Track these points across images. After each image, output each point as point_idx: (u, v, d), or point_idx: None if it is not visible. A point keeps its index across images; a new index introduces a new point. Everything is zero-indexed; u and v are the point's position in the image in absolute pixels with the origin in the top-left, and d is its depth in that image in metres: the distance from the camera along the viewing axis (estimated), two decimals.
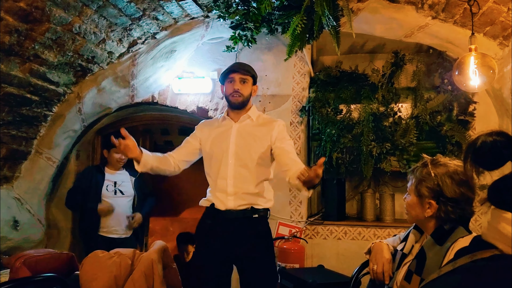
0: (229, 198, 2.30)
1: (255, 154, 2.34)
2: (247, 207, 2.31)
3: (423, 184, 1.48)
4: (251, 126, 2.42)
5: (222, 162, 2.35)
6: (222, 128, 2.43)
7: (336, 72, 3.64)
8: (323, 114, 3.56)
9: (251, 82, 2.43)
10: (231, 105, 2.43)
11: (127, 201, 3.76)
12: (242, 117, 2.41)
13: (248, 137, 2.37)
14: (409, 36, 3.26)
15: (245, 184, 2.32)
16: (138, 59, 3.34)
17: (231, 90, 2.39)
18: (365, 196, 3.60)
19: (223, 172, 2.34)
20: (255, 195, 2.33)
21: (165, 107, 3.93)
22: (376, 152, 3.39)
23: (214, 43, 3.80)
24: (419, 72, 3.51)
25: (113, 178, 3.73)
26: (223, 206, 2.31)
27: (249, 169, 2.33)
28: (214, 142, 2.42)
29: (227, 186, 2.32)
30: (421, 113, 3.41)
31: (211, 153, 2.41)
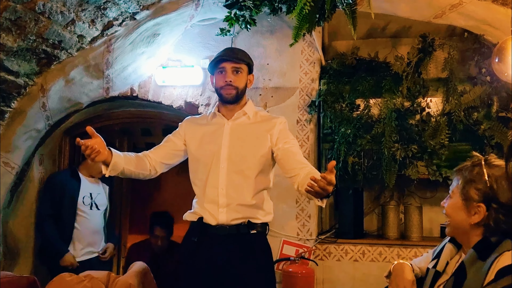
0: (221, 210, 2.30)
1: (252, 158, 2.34)
2: (243, 221, 2.31)
3: (473, 185, 1.52)
4: (247, 124, 2.42)
5: (212, 167, 2.35)
6: (212, 127, 2.43)
7: (352, 60, 3.64)
8: (337, 110, 3.56)
9: (246, 71, 2.43)
10: (223, 100, 2.43)
11: (101, 215, 3.80)
12: (236, 114, 2.42)
13: (244, 138, 2.37)
14: (439, 17, 3.26)
15: (240, 193, 2.32)
16: (114, 44, 3.34)
17: (222, 82, 2.39)
18: (387, 208, 3.60)
19: (214, 179, 2.34)
20: (252, 207, 2.32)
21: (147, 102, 3.93)
22: (400, 155, 3.39)
23: (205, 26, 3.80)
24: (451, 60, 3.50)
25: (90, 187, 3.78)
26: (214, 220, 2.31)
27: (245, 176, 2.33)
28: (202, 144, 2.41)
29: (219, 196, 2.31)
30: (454, 110, 3.40)
31: (199, 157, 2.41)
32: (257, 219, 2.34)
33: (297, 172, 2.21)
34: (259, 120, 2.45)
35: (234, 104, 2.42)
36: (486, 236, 1.47)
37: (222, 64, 2.40)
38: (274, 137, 2.38)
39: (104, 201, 3.84)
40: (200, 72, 3.78)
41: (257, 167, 2.35)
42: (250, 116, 2.44)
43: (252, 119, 2.44)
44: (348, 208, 3.57)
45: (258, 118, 2.46)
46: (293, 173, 2.24)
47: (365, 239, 3.58)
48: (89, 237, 3.72)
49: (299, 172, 2.19)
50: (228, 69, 2.38)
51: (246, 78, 2.45)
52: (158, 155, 2.48)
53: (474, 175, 1.53)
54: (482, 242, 1.47)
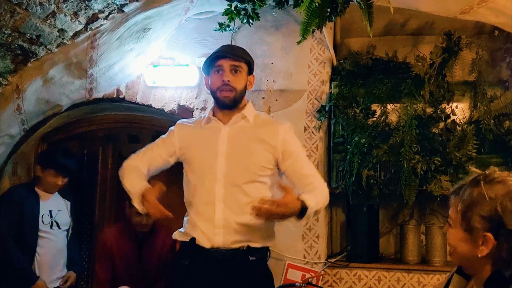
0: (217, 231, 2.29)
1: (253, 168, 2.33)
2: (242, 246, 2.29)
3: (474, 211, 1.44)
4: (247, 129, 2.40)
5: (207, 180, 2.34)
6: (207, 133, 2.42)
7: (367, 60, 3.65)
8: (350, 116, 3.57)
9: (245, 71, 2.43)
10: (220, 104, 2.43)
11: (63, 235, 3.76)
12: (234, 117, 2.40)
13: (243, 145, 2.36)
14: (466, 13, 3.27)
15: (240, 211, 2.30)
16: (99, 40, 3.35)
17: (218, 82, 2.38)
18: (406, 229, 3.59)
19: (209, 194, 2.32)
20: (253, 228, 2.30)
21: (135, 105, 3.95)
22: (421, 168, 3.39)
23: (202, 20, 3.82)
24: (480, 61, 3.51)
25: (48, 204, 3.71)
26: (208, 242, 2.29)
27: (245, 190, 2.32)
28: (196, 153, 2.40)
29: (215, 213, 2.29)
30: (483, 117, 3.40)
31: (192, 167, 2.40)
32: (258, 242, 2.33)
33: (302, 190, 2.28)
34: (260, 124, 2.43)
35: (232, 109, 2.41)
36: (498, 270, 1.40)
37: (219, 61, 2.38)
38: (279, 149, 2.37)
39: (66, 218, 3.76)
40: (196, 72, 3.79)
41: (258, 179, 2.34)
42: (250, 120, 2.42)
43: (253, 123, 2.42)
44: (362, 228, 3.56)
45: (259, 122, 2.44)
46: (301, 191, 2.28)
47: (381, 263, 3.56)
48: (51, 261, 3.63)
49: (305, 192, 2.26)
50: (226, 68, 2.37)
51: (246, 79, 2.44)
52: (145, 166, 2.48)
53: (475, 198, 1.43)
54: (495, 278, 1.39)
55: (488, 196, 1.42)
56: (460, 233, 1.48)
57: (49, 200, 3.72)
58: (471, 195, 1.46)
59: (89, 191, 4.56)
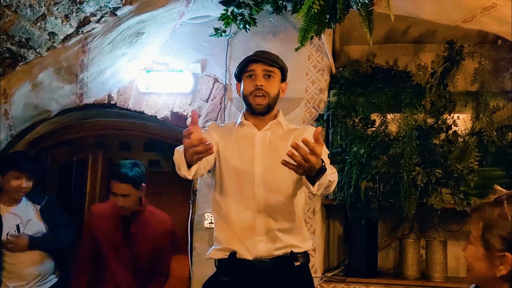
0: (260, 239, 2.29)
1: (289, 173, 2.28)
2: (286, 252, 2.30)
3: (494, 231, 1.46)
4: (280, 135, 2.43)
5: (245, 185, 2.34)
6: (241, 137, 2.42)
7: (367, 68, 3.67)
8: (348, 126, 3.58)
9: (279, 77, 2.45)
10: (253, 110, 2.43)
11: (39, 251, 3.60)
12: (270, 124, 2.43)
13: (278, 151, 2.35)
14: (469, 21, 3.29)
15: (280, 216, 2.31)
16: (90, 44, 3.36)
17: (251, 87, 2.39)
18: (405, 243, 3.59)
19: (248, 200, 2.32)
20: (293, 233, 2.33)
21: (127, 111, 3.95)
22: (421, 181, 3.39)
23: (197, 25, 3.84)
24: (482, 71, 3.53)
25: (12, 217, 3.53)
26: (250, 253, 2.28)
27: (284, 195, 2.33)
28: (231, 155, 2.39)
29: (255, 221, 2.29)
30: (486, 128, 3.42)
31: (228, 173, 2.38)
32: (299, 247, 2.34)
33: None
34: (291, 131, 2.47)
35: (264, 116, 2.43)
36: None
37: (252, 66, 2.40)
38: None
39: (38, 226, 3.59)
40: (190, 78, 3.80)
41: (294, 183, 2.35)
42: (284, 127, 2.46)
43: (285, 130, 2.47)
44: (360, 241, 3.55)
45: (290, 129, 2.48)
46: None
47: (380, 278, 3.55)
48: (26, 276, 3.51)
49: None
50: (259, 72, 2.38)
51: (279, 86, 2.45)
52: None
53: (496, 218, 1.46)
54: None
55: (511, 216, 1.44)
56: (479, 250, 1.50)
57: (14, 212, 3.55)
58: (493, 214, 1.48)
59: (78, 199, 4.54)
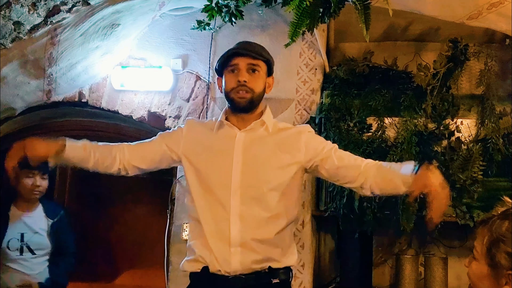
0: (234, 250, 2.27)
1: (274, 179, 2.32)
2: (262, 267, 2.29)
3: (501, 247, 1.46)
4: (266, 138, 2.40)
5: (220, 192, 2.32)
6: (219, 139, 2.41)
7: (363, 68, 3.67)
8: (342, 130, 3.57)
9: (264, 71, 2.42)
10: (234, 108, 2.42)
11: (39, 263, 3.64)
12: (253, 123, 2.40)
13: (262, 154, 2.36)
14: (474, 18, 3.30)
15: (258, 226, 2.30)
16: (60, 35, 3.33)
17: (233, 83, 2.37)
18: (402, 259, 3.59)
19: (223, 208, 2.30)
20: (273, 245, 2.31)
21: (99, 111, 3.93)
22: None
23: (179, 17, 3.82)
24: (488, 73, 3.55)
25: (20, 225, 3.60)
26: (225, 266, 2.27)
27: (265, 204, 2.31)
28: (206, 161, 2.38)
29: (230, 230, 2.28)
30: (491, 135, 3.43)
31: (202, 177, 2.37)
32: (279, 262, 2.32)
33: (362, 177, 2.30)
34: (279, 132, 2.43)
35: (247, 113, 2.40)
36: None
37: (235, 60, 2.37)
38: (302, 151, 2.36)
39: (43, 242, 3.63)
40: (170, 75, 3.78)
41: (280, 191, 2.33)
42: (269, 127, 2.41)
43: (272, 131, 2.42)
44: (354, 257, 3.55)
45: (278, 129, 2.44)
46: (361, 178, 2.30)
47: None
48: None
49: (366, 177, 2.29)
50: (242, 67, 2.35)
51: (265, 80, 2.42)
52: (135, 155, 2.45)
53: (503, 233, 1.45)
54: None
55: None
56: (483, 267, 1.51)
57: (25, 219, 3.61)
58: (500, 229, 1.48)
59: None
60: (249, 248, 2.27)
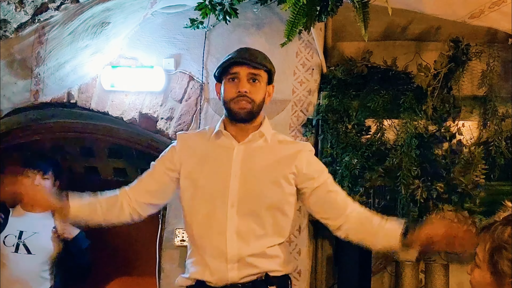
0: (231, 267, 2.30)
1: (272, 195, 2.34)
2: (259, 276, 2.31)
3: (504, 254, 1.47)
4: (264, 149, 2.41)
5: (217, 206, 2.34)
6: (217, 151, 2.42)
7: (362, 68, 3.68)
8: (340, 133, 3.58)
9: (265, 80, 2.43)
10: (233, 117, 2.41)
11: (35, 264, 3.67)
12: (251, 135, 2.41)
13: (260, 168, 2.37)
14: (476, 17, 3.30)
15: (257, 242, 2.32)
16: (48, 34, 3.33)
17: (233, 93, 2.37)
18: (402, 266, 3.58)
19: (219, 223, 2.32)
20: (270, 258, 2.34)
21: (89, 112, 3.92)
22: (421, 196, 3.40)
23: (171, 15, 3.82)
24: (491, 74, 3.56)
25: (20, 223, 3.67)
26: (221, 280, 2.29)
27: (263, 219, 2.34)
28: (203, 173, 2.39)
29: (227, 246, 2.30)
30: (494, 138, 3.44)
31: (198, 191, 2.39)
32: (277, 271, 2.34)
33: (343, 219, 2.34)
34: (279, 145, 2.44)
35: (247, 123, 2.41)
36: None
37: (235, 68, 2.37)
38: (300, 172, 2.38)
39: (42, 243, 3.67)
40: (162, 75, 3.78)
41: (278, 207, 2.35)
42: (268, 139, 2.42)
43: (270, 143, 2.43)
44: (352, 264, 3.53)
45: (278, 142, 2.46)
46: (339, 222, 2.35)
47: None
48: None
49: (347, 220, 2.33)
50: (243, 76, 2.36)
51: (265, 90, 2.43)
52: (140, 193, 2.47)
53: (505, 239, 1.46)
54: None
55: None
56: (486, 275, 1.51)
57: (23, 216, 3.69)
58: (502, 235, 1.48)
59: None
60: (246, 264, 2.30)
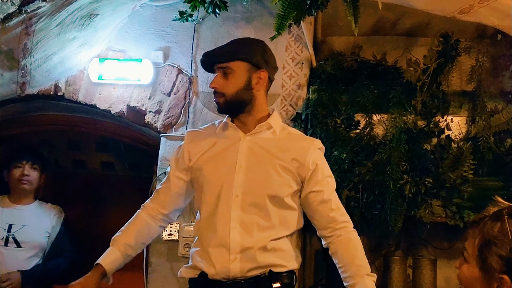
0: (234, 257, 2.29)
1: (278, 186, 2.35)
2: (263, 272, 2.30)
3: (493, 249, 1.46)
4: (272, 142, 2.42)
5: (222, 196, 2.35)
6: (224, 142, 2.45)
7: (351, 63, 3.68)
8: (329, 127, 3.59)
9: (243, 69, 2.43)
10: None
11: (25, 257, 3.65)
12: (258, 127, 2.42)
13: (266, 159, 2.37)
14: (466, 12, 3.31)
15: (260, 234, 2.32)
16: (35, 25, 3.32)
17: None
18: (390, 261, 3.60)
19: (224, 213, 2.33)
20: (274, 252, 2.33)
21: (76, 104, 3.91)
22: (410, 191, 3.41)
23: (160, 7, 3.81)
24: (480, 69, 3.57)
25: (9, 216, 3.66)
26: (223, 273, 2.29)
27: (268, 210, 2.34)
28: (209, 164, 2.42)
29: (230, 237, 2.30)
30: (482, 133, 3.46)
31: (204, 182, 2.41)
32: (282, 266, 2.34)
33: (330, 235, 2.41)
34: (288, 138, 2.45)
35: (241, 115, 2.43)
36: None
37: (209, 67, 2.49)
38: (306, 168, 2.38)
39: (33, 237, 3.67)
40: (150, 68, 3.77)
41: (283, 199, 2.36)
42: (276, 131, 2.44)
43: (279, 136, 2.44)
44: None
45: (287, 135, 2.47)
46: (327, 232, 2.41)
47: None
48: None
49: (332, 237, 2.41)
50: (217, 72, 2.44)
51: (245, 79, 2.42)
52: (166, 205, 2.52)
53: (495, 234, 1.44)
54: None
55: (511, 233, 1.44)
56: (474, 270, 1.50)
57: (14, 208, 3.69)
58: (492, 230, 1.47)
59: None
60: (249, 255, 2.30)
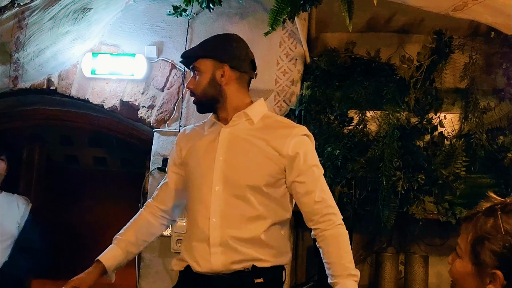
0: (214, 251, 2.27)
1: (257, 176, 2.31)
2: (245, 267, 2.27)
3: (486, 245, 1.45)
4: (249, 131, 2.39)
5: (202, 191, 2.34)
6: (207, 138, 2.44)
7: (345, 59, 3.69)
8: (323, 123, 3.59)
9: (208, 66, 2.41)
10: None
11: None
12: (234, 116, 2.39)
13: (244, 149, 2.35)
14: (460, 10, 3.32)
15: (240, 225, 2.28)
16: (28, 19, 3.32)
17: None
18: (382, 257, 3.61)
19: (204, 206, 2.31)
20: (257, 244, 2.29)
21: (69, 99, 3.90)
22: (402, 187, 3.42)
23: (153, 2, 3.81)
24: (473, 66, 3.58)
25: None
26: (205, 266, 2.27)
27: (247, 202, 2.30)
28: (193, 160, 2.42)
29: (210, 230, 2.27)
30: (475, 130, 3.47)
31: (189, 177, 2.42)
32: (266, 261, 2.28)
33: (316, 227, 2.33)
34: (268, 126, 2.40)
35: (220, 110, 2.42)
36: None
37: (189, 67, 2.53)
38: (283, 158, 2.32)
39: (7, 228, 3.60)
40: (143, 63, 3.78)
41: (263, 188, 2.31)
42: (254, 120, 2.39)
43: (258, 124, 2.40)
44: None
45: (268, 124, 2.42)
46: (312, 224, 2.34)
47: None
48: None
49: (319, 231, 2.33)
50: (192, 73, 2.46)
51: (209, 75, 2.40)
52: (165, 201, 2.52)
53: (488, 230, 1.44)
54: None
55: (504, 228, 1.44)
56: (467, 265, 1.50)
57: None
58: (484, 226, 1.47)
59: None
60: (230, 248, 2.26)
